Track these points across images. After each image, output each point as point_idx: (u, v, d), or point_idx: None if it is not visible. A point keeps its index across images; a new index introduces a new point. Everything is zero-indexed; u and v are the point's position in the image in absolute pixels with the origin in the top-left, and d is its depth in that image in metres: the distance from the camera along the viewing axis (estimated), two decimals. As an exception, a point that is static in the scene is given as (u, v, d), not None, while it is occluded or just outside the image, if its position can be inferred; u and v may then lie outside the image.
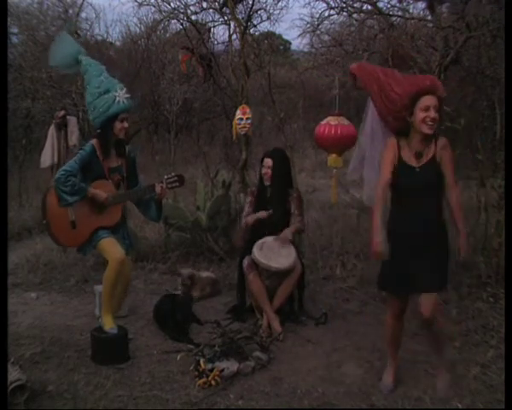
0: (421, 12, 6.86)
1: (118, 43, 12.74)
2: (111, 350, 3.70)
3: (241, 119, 5.29)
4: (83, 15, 11.33)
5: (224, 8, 6.45)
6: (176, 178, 3.83)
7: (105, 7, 20.45)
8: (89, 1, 17.01)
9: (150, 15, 10.27)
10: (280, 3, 6.98)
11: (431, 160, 3.06)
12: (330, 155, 4.53)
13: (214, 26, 7.24)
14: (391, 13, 6.64)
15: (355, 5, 6.57)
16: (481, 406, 3.09)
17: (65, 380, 3.42)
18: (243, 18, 6.35)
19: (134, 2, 7.64)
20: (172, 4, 7.22)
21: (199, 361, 3.47)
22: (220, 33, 17.63)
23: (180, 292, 4.81)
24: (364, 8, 6.56)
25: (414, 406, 3.13)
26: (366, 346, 3.87)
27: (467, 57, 6.19)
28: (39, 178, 8.16)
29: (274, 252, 4.17)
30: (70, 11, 11.12)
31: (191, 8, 7.07)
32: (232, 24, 6.56)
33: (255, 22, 6.70)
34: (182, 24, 7.59)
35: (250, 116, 5.34)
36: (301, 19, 7.96)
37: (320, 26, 7.59)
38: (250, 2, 6.40)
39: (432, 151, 3.07)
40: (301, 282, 4.40)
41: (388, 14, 6.54)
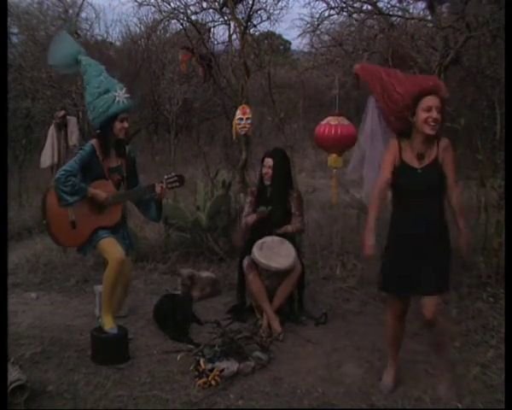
0: (421, 12, 6.89)
1: (118, 43, 12.77)
2: (111, 350, 3.69)
3: (241, 119, 5.29)
4: (83, 15, 11.37)
5: (224, 8, 6.45)
6: (176, 178, 3.83)
7: (105, 7, 20.52)
8: (89, 1, 17.07)
9: (150, 15, 10.31)
10: (280, 3, 7.01)
11: (433, 161, 3.04)
12: (330, 155, 4.54)
13: (214, 26, 7.26)
14: (391, 13, 6.65)
15: (355, 5, 6.58)
16: (481, 406, 3.09)
17: (65, 380, 3.42)
18: (243, 18, 6.35)
19: (134, 2, 7.67)
20: (172, 4, 7.24)
21: (199, 361, 3.47)
22: (220, 33, 17.61)
23: (180, 292, 4.81)
24: (364, 8, 6.57)
25: (414, 406, 3.13)
26: (366, 346, 3.87)
27: (467, 57, 6.19)
28: (39, 178, 8.15)
29: (274, 252, 4.17)
30: (70, 11, 11.13)
31: (191, 8, 7.10)
32: (232, 24, 6.57)
33: (255, 22, 6.73)
34: (182, 24, 7.61)
35: (250, 116, 5.34)
36: (301, 19, 7.99)
37: (320, 26, 7.61)
38: (250, 2, 6.41)
39: (434, 152, 3.05)
40: (301, 282, 4.40)
41: (388, 14, 6.54)
